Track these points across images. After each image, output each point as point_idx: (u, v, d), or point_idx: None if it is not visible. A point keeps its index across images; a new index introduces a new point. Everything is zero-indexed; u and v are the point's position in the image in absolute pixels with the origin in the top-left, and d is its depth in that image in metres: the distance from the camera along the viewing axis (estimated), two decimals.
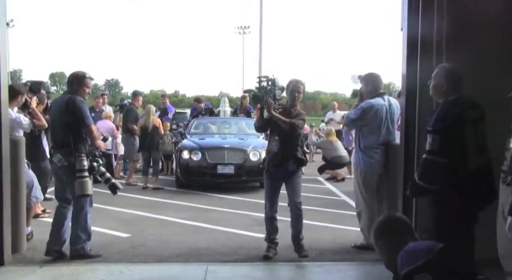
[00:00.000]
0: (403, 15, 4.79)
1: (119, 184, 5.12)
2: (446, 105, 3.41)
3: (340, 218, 7.10)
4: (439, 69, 3.64)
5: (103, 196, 8.89)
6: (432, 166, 3.29)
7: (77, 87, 4.90)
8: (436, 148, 3.27)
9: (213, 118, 12.84)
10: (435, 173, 3.29)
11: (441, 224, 3.40)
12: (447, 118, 3.31)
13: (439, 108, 3.43)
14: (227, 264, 4.90)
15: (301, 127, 5.09)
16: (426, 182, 3.33)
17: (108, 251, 5.24)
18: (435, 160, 3.27)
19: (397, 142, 5.18)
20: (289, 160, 4.99)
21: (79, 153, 4.71)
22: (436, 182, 3.29)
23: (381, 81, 5.55)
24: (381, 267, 4.77)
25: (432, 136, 3.30)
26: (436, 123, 3.32)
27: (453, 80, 3.52)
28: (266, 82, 4.85)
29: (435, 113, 3.42)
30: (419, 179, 3.36)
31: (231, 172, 9.59)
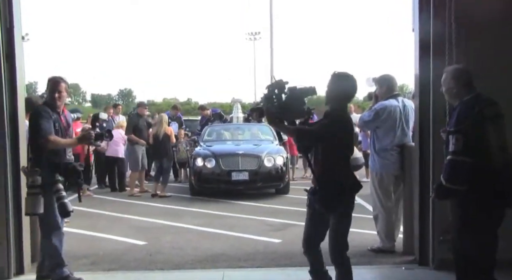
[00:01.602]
0: (414, 16, 4.78)
1: (70, 207, 4.21)
2: (464, 104, 3.39)
3: (356, 222, 6.94)
4: (445, 73, 3.64)
5: (119, 205, 9.01)
6: (458, 167, 3.26)
7: (48, 95, 4.44)
8: (460, 148, 3.24)
9: (226, 124, 12.81)
10: (462, 173, 3.26)
11: (466, 226, 3.36)
12: (468, 117, 3.29)
13: (458, 108, 3.40)
14: (244, 270, 4.90)
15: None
16: (454, 183, 3.29)
17: (125, 258, 5.28)
18: (461, 160, 3.24)
19: (412, 143, 5.14)
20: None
21: (34, 167, 4.19)
22: (464, 182, 3.26)
23: (396, 82, 5.53)
24: (397, 270, 4.77)
25: (456, 137, 3.27)
26: (458, 123, 3.30)
27: (462, 81, 3.50)
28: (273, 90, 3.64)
29: (454, 113, 3.39)
30: (447, 181, 3.30)
31: (245, 178, 9.48)
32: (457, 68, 3.70)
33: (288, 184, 9.95)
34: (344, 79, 3.55)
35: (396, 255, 5.21)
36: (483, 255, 3.31)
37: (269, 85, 3.66)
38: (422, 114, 4.66)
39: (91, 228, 6.87)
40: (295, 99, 3.62)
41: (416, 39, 4.71)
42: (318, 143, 3.53)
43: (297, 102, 3.63)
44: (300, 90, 3.65)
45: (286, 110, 3.61)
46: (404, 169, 5.24)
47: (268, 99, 3.65)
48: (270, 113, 3.63)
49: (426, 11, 4.54)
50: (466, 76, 3.51)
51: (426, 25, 4.55)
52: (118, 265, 5.06)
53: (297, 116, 3.71)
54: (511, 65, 4.30)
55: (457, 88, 3.49)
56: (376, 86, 5.48)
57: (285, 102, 3.62)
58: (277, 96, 3.63)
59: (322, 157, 3.51)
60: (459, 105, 3.40)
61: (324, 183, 3.51)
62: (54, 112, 4.34)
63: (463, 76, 3.51)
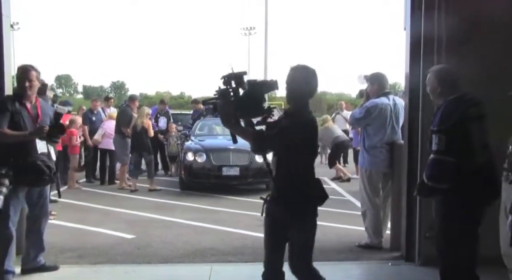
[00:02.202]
0: (406, 15, 4.80)
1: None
2: (448, 104, 3.40)
3: (345, 218, 7.09)
4: (430, 73, 3.66)
5: (108, 198, 8.99)
6: (440, 166, 3.28)
7: (18, 84, 4.23)
8: (442, 147, 3.26)
9: (217, 119, 12.75)
10: (444, 172, 3.28)
11: (449, 224, 3.39)
12: (452, 117, 3.30)
13: (442, 107, 3.41)
14: (232, 264, 4.92)
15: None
16: (436, 182, 3.32)
17: (112, 252, 5.28)
18: (443, 159, 3.26)
19: (402, 141, 5.18)
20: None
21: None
22: (446, 181, 3.29)
23: (387, 80, 5.57)
24: (384, 266, 4.81)
25: (438, 136, 3.29)
26: (441, 122, 3.31)
27: (446, 80, 3.52)
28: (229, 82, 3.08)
29: (438, 113, 3.41)
30: (428, 180, 3.34)
31: (236, 174, 9.49)
32: (441, 68, 3.73)
33: None
34: (303, 73, 3.09)
35: (383, 251, 5.25)
36: (465, 252, 3.35)
37: (225, 76, 3.05)
38: (412, 113, 4.69)
39: (80, 221, 6.85)
40: (255, 95, 3.06)
41: (407, 38, 4.74)
42: (279, 148, 3.08)
43: (257, 99, 3.07)
44: (261, 84, 3.10)
45: (244, 107, 3.03)
46: (393, 167, 5.27)
47: (223, 94, 3.05)
48: (225, 112, 3.03)
49: (417, 11, 4.56)
50: (450, 76, 3.53)
51: (417, 24, 4.57)
52: (105, 258, 5.06)
53: (255, 114, 3.13)
54: (501, 65, 4.32)
55: (440, 88, 3.51)
56: (368, 83, 5.50)
57: (243, 98, 3.04)
58: (234, 90, 3.05)
59: (283, 162, 3.09)
60: (443, 104, 3.42)
61: (286, 190, 3.10)
62: (21, 103, 4.14)
63: (447, 76, 3.54)
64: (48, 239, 5.18)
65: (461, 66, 4.29)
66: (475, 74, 4.16)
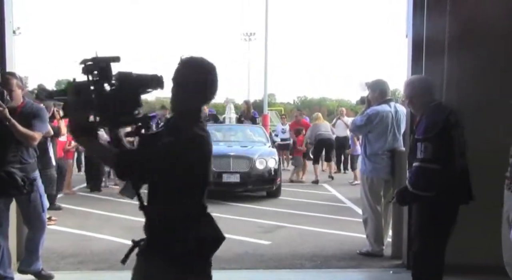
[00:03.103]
0: (408, 21, 4.81)
1: None
2: (431, 112, 3.46)
3: (345, 225, 7.09)
4: (405, 85, 3.74)
5: (108, 203, 8.96)
6: (426, 174, 3.33)
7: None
8: (429, 155, 3.30)
9: (218, 125, 12.80)
10: (430, 180, 3.33)
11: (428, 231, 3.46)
12: (437, 125, 3.35)
13: (425, 116, 3.47)
14: (232, 271, 4.90)
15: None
16: (421, 189, 3.35)
17: (113, 258, 5.25)
18: (429, 167, 3.31)
19: (403, 148, 5.18)
20: None
21: None
22: (432, 189, 3.33)
23: (388, 87, 5.57)
24: (385, 274, 4.80)
25: (424, 144, 3.33)
26: (427, 130, 3.36)
27: (421, 90, 3.59)
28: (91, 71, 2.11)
29: (422, 122, 3.46)
30: (413, 187, 3.37)
31: (237, 180, 9.35)
32: (415, 78, 3.85)
33: (280, 187, 9.86)
34: (196, 69, 2.22)
35: (384, 259, 5.24)
36: (439, 259, 3.42)
37: (86, 60, 2.10)
38: (413, 119, 4.68)
39: (80, 227, 6.84)
40: (127, 94, 2.11)
41: (410, 45, 4.74)
42: (155, 174, 2.15)
43: (130, 99, 2.13)
44: (139, 80, 2.15)
45: (109, 110, 2.09)
46: (394, 174, 5.26)
47: (80, 87, 2.09)
48: (77, 114, 2.09)
49: (419, 17, 4.57)
50: (425, 85, 3.61)
51: (419, 31, 4.58)
52: (106, 264, 5.04)
53: (125, 121, 2.19)
54: (503, 70, 4.33)
55: (416, 98, 3.58)
56: (369, 90, 5.51)
57: (108, 96, 2.10)
58: (97, 84, 2.10)
59: (161, 194, 2.22)
60: (426, 113, 3.47)
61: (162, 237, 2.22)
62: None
63: (420, 86, 3.61)
64: (48, 245, 5.16)
65: (463, 72, 4.32)
66: (477, 79, 4.17)
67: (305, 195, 10.22)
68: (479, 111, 4.19)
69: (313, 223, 7.27)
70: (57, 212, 7.61)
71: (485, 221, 3.81)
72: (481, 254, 4.04)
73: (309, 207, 8.73)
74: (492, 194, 3.46)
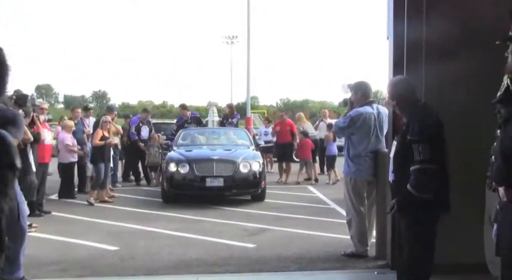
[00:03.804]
0: (389, 24, 4.84)
1: None
2: (421, 112, 3.46)
3: (330, 226, 7.10)
4: (389, 86, 3.77)
5: (91, 209, 8.86)
6: (428, 175, 3.31)
7: None
8: (428, 156, 3.29)
9: (201, 128, 12.64)
10: (431, 181, 3.32)
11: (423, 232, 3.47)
12: (430, 125, 3.36)
13: (416, 117, 3.45)
14: (218, 275, 4.88)
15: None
16: (425, 192, 3.32)
17: (96, 264, 5.20)
18: (429, 168, 3.30)
19: (386, 150, 5.20)
20: None
21: None
22: (432, 190, 3.32)
23: (371, 89, 5.60)
24: (370, 275, 4.82)
25: (422, 145, 3.32)
26: (424, 131, 3.34)
27: (403, 91, 3.61)
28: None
29: (414, 122, 3.43)
30: (417, 191, 3.32)
31: (220, 184, 9.16)
32: (397, 79, 3.87)
33: (265, 191, 9.74)
34: None
35: (369, 259, 5.26)
36: (430, 260, 3.43)
37: None
38: (396, 121, 4.71)
39: (62, 234, 6.73)
40: None
41: (391, 47, 4.78)
42: None
43: None
44: None
45: None
46: (377, 175, 5.29)
47: None
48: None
49: (400, 20, 4.61)
50: (407, 86, 3.62)
51: (400, 33, 4.61)
52: (89, 271, 4.97)
53: None
54: (483, 73, 4.37)
55: (398, 99, 3.60)
56: (352, 92, 5.53)
57: None
58: None
59: None
60: (415, 113, 3.46)
61: None
62: None
63: (402, 86, 3.63)
64: (30, 252, 5.07)
65: (444, 73, 4.37)
66: (458, 81, 4.22)
67: (289, 197, 10.23)
68: (458, 115, 4.24)
69: (298, 225, 7.28)
70: (38, 219, 7.50)
71: (469, 220, 3.84)
72: (465, 253, 4.08)
73: (293, 209, 8.74)
74: (476, 194, 3.50)
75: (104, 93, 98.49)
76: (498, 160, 2.38)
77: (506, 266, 2.41)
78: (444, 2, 4.54)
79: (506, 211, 2.35)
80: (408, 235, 3.58)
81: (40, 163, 7.99)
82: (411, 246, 3.53)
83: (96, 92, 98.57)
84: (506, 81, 2.56)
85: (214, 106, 13.74)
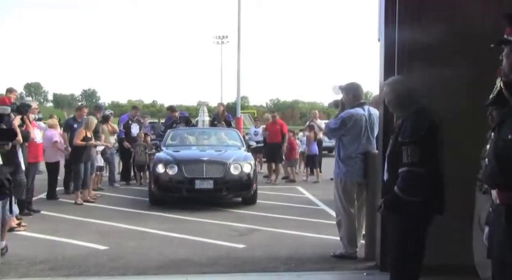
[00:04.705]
0: (380, 26, 4.87)
1: None
2: (415, 115, 3.46)
3: (319, 227, 7.12)
4: (384, 86, 3.75)
5: (80, 208, 8.81)
6: (415, 178, 3.31)
7: None
8: (416, 159, 3.30)
9: (190, 128, 12.32)
10: (419, 184, 3.31)
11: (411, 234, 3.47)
12: (422, 128, 3.35)
13: (410, 119, 3.45)
14: (207, 275, 4.87)
15: None
16: (411, 194, 3.32)
17: (85, 264, 5.17)
18: (417, 171, 3.30)
19: (376, 151, 5.22)
20: None
21: None
22: (420, 193, 3.33)
23: (362, 91, 5.61)
24: (359, 276, 4.84)
25: (411, 148, 3.33)
26: (413, 134, 3.35)
27: (402, 91, 3.61)
28: None
29: (407, 124, 3.43)
30: (404, 193, 3.33)
31: (210, 187, 8.81)
32: (395, 79, 3.84)
33: (256, 193, 9.40)
34: None
35: (358, 261, 5.27)
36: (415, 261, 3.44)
37: None
38: (386, 123, 4.74)
39: (51, 233, 6.69)
40: None
41: (382, 49, 4.80)
42: None
43: None
44: None
45: None
46: (367, 177, 5.31)
47: None
48: None
49: (391, 22, 4.63)
50: (405, 87, 3.62)
51: (391, 35, 4.64)
52: (78, 270, 4.94)
53: None
54: (473, 75, 4.42)
55: (396, 100, 3.60)
56: (343, 93, 5.54)
57: None
58: None
59: None
60: (410, 116, 3.47)
61: None
62: None
63: (402, 87, 3.62)
64: (18, 251, 5.06)
65: (434, 76, 4.40)
66: (448, 84, 4.25)
67: (279, 198, 10.23)
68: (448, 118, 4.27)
69: (287, 226, 7.29)
70: (27, 218, 7.44)
71: (457, 222, 3.87)
72: (453, 255, 4.11)
73: (283, 210, 8.75)
74: (464, 195, 3.53)
75: (93, 92, 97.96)
76: (491, 163, 2.39)
77: (497, 268, 2.42)
78: (435, 4, 4.58)
79: (498, 213, 2.37)
80: (393, 235, 3.59)
81: (32, 162, 7.95)
82: (396, 247, 3.54)
83: (86, 91, 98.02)
84: (499, 84, 2.58)
85: (204, 105, 13.43)
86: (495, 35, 2.56)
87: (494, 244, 2.42)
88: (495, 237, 2.41)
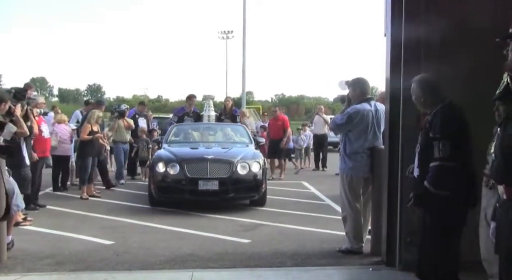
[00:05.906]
0: (386, 21, 4.84)
1: None
2: (445, 110, 3.51)
3: (325, 223, 7.12)
4: (413, 83, 3.80)
5: (86, 203, 8.84)
6: (446, 172, 3.36)
7: None
8: (448, 154, 3.35)
9: (195, 123, 11.33)
10: (450, 178, 3.36)
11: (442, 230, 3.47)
12: (453, 123, 3.41)
13: (439, 115, 3.51)
14: (213, 270, 4.87)
15: None
16: (441, 188, 3.37)
17: (91, 259, 5.18)
18: (449, 165, 3.35)
19: (382, 146, 5.21)
20: None
21: None
22: (450, 187, 3.36)
23: (369, 86, 5.61)
24: (365, 271, 4.83)
25: (443, 142, 3.37)
26: (444, 129, 3.40)
27: (429, 88, 3.65)
28: None
29: (436, 120, 3.49)
30: (434, 187, 3.38)
31: (215, 188, 8.05)
32: (423, 77, 3.86)
33: (265, 195, 8.65)
34: None
35: (364, 256, 5.27)
36: (452, 257, 3.42)
37: None
38: (393, 118, 4.72)
39: (57, 227, 6.72)
40: None
41: (388, 45, 4.77)
42: None
43: None
44: None
45: None
46: (373, 172, 5.30)
47: None
48: None
49: (398, 17, 4.60)
50: (431, 84, 3.64)
51: (397, 31, 4.61)
52: (84, 265, 4.96)
53: None
54: (481, 71, 4.39)
55: (424, 97, 3.65)
56: (349, 89, 5.53)
57: None
58: None
59: None
60: (439, 111, 3.50)
61: None
62: None
63: (429, 84, 3.65)
64: (24, 246, 5.08)
65: (441, 71, 4.36)
66: (455, 79, 4.22)
67: (284, 193, 10.22)
68: None
69: (293, 221, 7.29)
70: (33, 213, 7.47)
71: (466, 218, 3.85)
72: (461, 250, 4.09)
73: (288, 205, 8.75)
74: None
75: (99, 87, 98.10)
76: (498, 158, 2.39)
77: (505, 264, 2.42)
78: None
79: (505, 209, 2.37)
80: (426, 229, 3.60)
81: (40, 157, 8.00)
82: (429, 240, 3.56)
83: (91, 86, 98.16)
84: (506, 79, 2.57)
85: (210, 99, 12.96)
86: (503, 30, 2.55)
87: (501, 239, 2.41)
88: (502, 232, 2.41)
